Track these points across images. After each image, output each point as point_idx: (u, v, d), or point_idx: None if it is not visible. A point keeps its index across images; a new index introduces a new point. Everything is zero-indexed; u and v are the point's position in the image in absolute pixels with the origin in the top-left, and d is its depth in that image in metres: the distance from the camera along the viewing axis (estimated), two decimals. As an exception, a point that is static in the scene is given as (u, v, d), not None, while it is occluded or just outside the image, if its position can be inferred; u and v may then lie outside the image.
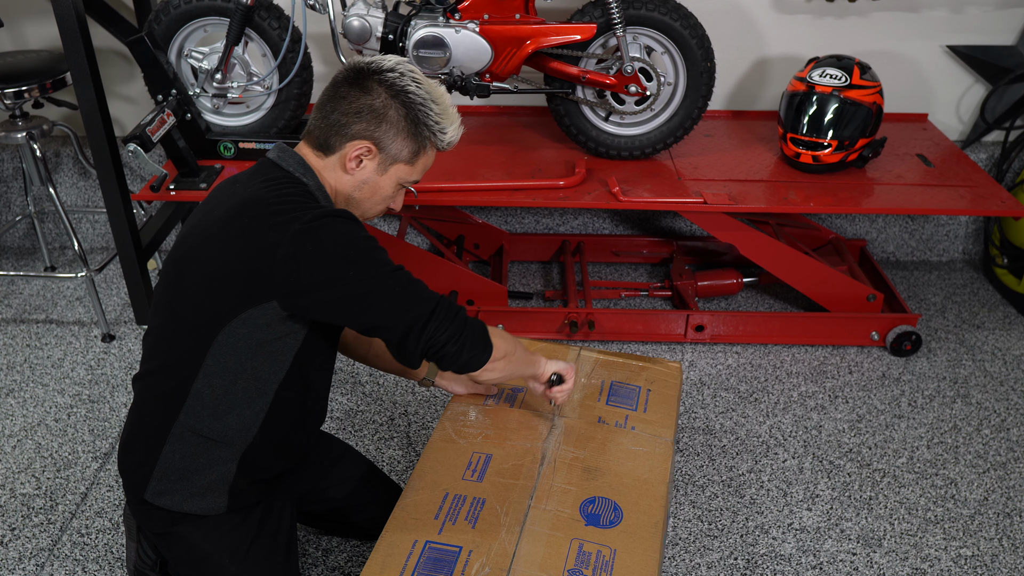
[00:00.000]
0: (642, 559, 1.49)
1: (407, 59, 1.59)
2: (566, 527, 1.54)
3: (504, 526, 1.53)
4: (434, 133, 1.56)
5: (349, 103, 1.50)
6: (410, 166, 1.57)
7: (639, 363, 1.98)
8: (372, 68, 1.52)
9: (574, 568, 1.46)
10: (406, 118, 1.52)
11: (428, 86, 1.55)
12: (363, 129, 1.51)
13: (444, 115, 1.56)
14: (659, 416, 1.83)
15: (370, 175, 1.55)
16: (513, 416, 1.80)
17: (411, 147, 1.55)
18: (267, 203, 1.44)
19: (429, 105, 1.53)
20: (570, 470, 1.66)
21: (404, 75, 1.52)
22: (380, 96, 1.50)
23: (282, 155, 1.55)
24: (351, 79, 1.52)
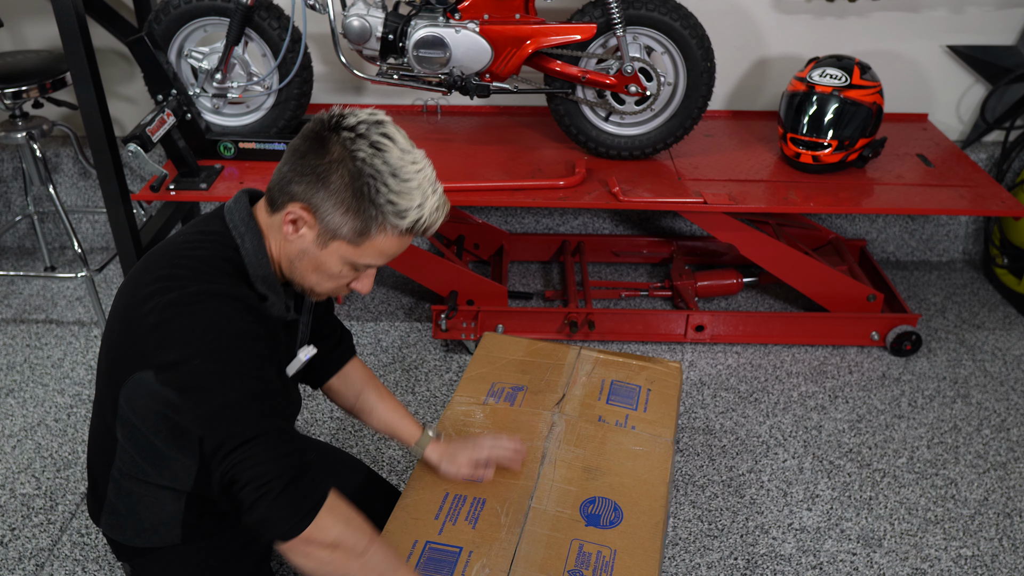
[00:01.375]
0: (642, 559, 1.49)
1: (386, 117, 1.33)
2: (566, 527, 1.54)
3: (504, 526, 1.53)
4: (384, 214, 1.27)
5: (299, 158, 1.30)
6: (355, 247, 1.31)
7: (639, 363, 1.98)
8: (334, 122, 1.29)
9: (574, 569, 1.46)
10: (348, 188, 1.26)
11: (395, 156, 1.28)
12: (303, 191, 1.28)
13: (405, 194, 1.27)
14: (659, 416, 1.83)
15: (308, 246, 1.32)
16: (514, 415, 1.80)
17: (353, 224, 1.28)
18: (168, 262, 1.32)
19: (385, 178, 1.26)
20: (570, 469, 1.66)
21: (364, 137, 1.28)
22: (328, 156, 1.27)
23: (235, 206, 1.39)
24: (314, 132, 1.31)
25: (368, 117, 1.31)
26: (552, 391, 1.87)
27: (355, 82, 3.03)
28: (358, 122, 1.29)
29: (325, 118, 1.31)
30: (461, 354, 2.66)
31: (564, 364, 1.96)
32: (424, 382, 2.54)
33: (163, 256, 1.34)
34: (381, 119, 1.32)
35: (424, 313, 2.86)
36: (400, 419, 1.71)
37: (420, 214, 1.29)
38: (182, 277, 1.28)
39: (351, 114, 1.31)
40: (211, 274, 1.30)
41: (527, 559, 1.47)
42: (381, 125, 1.30)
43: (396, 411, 1.72)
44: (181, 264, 1.31)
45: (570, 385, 1.90)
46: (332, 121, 1.30)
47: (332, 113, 1.31)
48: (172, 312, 1.26)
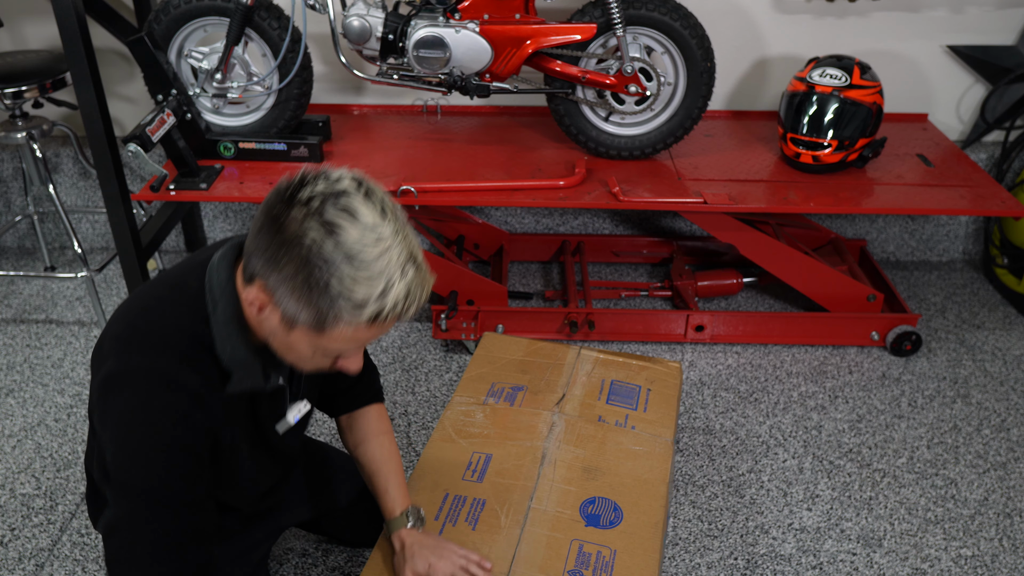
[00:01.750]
0: (642, 559, 1.49)
1: (350, 185, 1.15)
2: (566, 528, 1.54)
3: (504, 528, 1.53)
4: (339, 307, 1.12)
5: (258, 231, 1.16)
6: (319, 335, 1.17)
7: (639, 363, 1.98)
8: (289, 193, 1.14)
9: (574, 569, 1.46)
10: (298, 276, 1.11)
11: (353, 237, 1.10)
12: (261, 270, 1.15)
13: (365, 282, 1.11)
14: (659, 416, 1.83)
15: (276, 328, 1.20)
16: (514, 415, 1.80)
17: (310, 314, 1.14)
18: (134, 316, 1.27)
19: (339, 266, 1.10)
20: (570, 470, 1.67)
21: (316, 213, 1.11)
22: (282, 234, 1.12)
23: (218, 264, 1.28)
24: (268, 203, 1.15)
25: (326, 188, 1.13)
26: (552, 391, 1.88)
27: (355, 82, 3.03)
28: (312, 195, 1.12)
29: (283, 186, 1.15)
30: (461, 354, 2.66)
31: (564, 364, 1.96)
32: (424, 382, 2.54)
33: (137, 303, 1.30)
34: (342, 189, 1.13)
35: (424, 313, 2.86)
36: (385, 491, 1.57)
37: (382, 305, 1.13)
38: (132, 344, 1.23)
39: (311, 181, 1.14)
40: (160, 348, 1.22)
41: (527, 560, 1.48)
42: (340, 197, 1.12)
43: (389, 480, 1.58)
44: (140, 326, 1.25)
45: (570, 385, 1.90)
46: (288, 192, 1.14)
47: (291, 180, 1.15)
48: (107, 385, 1.23)
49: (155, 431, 1.21)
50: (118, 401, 1.22)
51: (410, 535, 1.50)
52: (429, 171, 2.58)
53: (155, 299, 1.29)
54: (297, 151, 2.61)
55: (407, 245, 1.15)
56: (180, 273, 1.32)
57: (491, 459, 1.69)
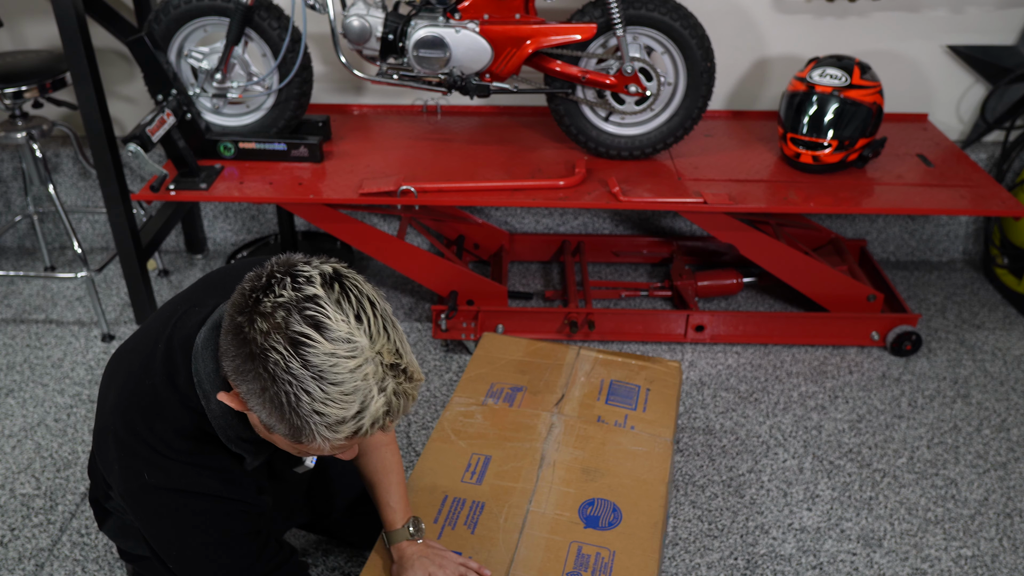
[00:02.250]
0: (641, 560, 1.49)
1: (327, 277, 1.04)
2: (565, 530, 1.54)
3: (503, 531, 1.53)
4: (312, 425, 1.04)
5: (227, 335, 1.07)
6: (301, 445, 1.10)
7: (638, 362, 1.98)
8: (253, 300, 1.03)
9: (573, 571, 1.46)
10: (267, 394, 1.04)
11: (315, 351, 1.00)
12: (232, 376, 1.08)
13: (334, 402, 1.02)
14: (658, 416, 1.83)
15: (259, 427, 1.15)
16: (513, 416, 1.80)
17: (285, 429, 1.07)
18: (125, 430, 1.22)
19: (305, 386, 1.01)
20: (569, 471, 1.66)
21: (279, 328, 1.01)
22: (248, 347, 1.03)
23: (203, 351, 1.18)
24: (238, 303, 1.05)
25: (293, 295, 1.01)
26: (551, 391, 1.87)
27: (355, 82, 3.03)
28: (277, 305, 1.01)
29: (247, 289, 1.04)
30: (461, 354, 2.66)
31: (563, 364, 1.96)
32: (424, 382, 2.53)
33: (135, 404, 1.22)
34: (311, 294, 1.02)
35: (424, 313, 2.86)
36: (386, 503, 1.54)
37: (359, 424, 1.04)
38: (141, 458, 1.19)
39: (278, 283, 1.02)
40: (169, 458, 1.19)
41: (525, 563, 1.48)
42: (310, 304, 1.01)
43: (389, 491, 1.55)
44: (141, 437, 1.19)
45: (569, 385, 1.90)
46: (252, 298, 1.03)
47: (256, 283, 1.04)
48: (135, 504, 1.23)
49: (203, 537, 1.23)
50: (155, 518, 1.23)
51: (409, 546, 1.48)
52: (429, 171, 2.58)
53: (150, 395, 1.22)
54: (297, 151, 2.61)
55: (389, 352, 1.05)
56: (165, 355, 1.23)
57: (490, 460, 1.69)
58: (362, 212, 3.02)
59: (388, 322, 1.07)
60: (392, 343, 1.06)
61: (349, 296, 1.04)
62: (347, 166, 2.62)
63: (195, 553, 1.24)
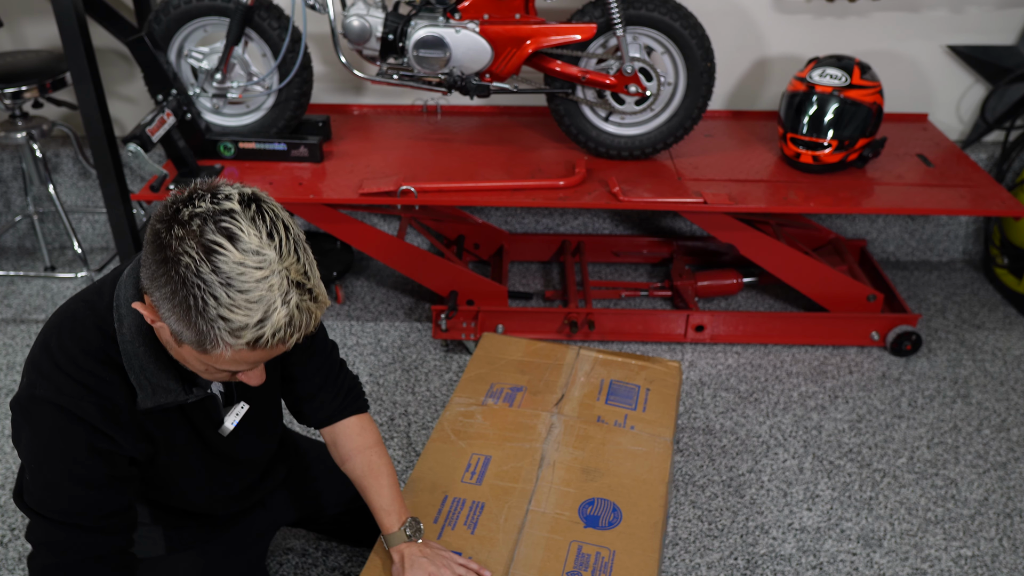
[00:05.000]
0: (641, 560, 1.49)
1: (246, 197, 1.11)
2: (565, 529, 1.54)
3: (503, 531, 1.53)
4: (217, 330, 1.08)
5: (147, 244, 1.12)
6: (205, 355, 1.14)
7: (638, 362, 1.98)
8: (172, 211, 1.09)
9: (573, 570, 1.46)
10: (177, 297, 1.08)
11: (226, 258, 1.06)
12: (147, 284, 1.13)
13: (238, 308, 1.07)
14: (658, 415, 1.83)
15: (168, 340, 1.19)
16: (513, 416, 1.80)
17: (191, 336, 1.11)
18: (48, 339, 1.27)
19: (212, 290, 1.06)
20: (569, 471, 1.66)
21: (196, 235, 1.06)
22: (163, 254, 1.08)
23: (127, 278, 1.25)
24: (159, 213, 1.11)
25: (211, 207, 1.08)
26: (551, 391, 1.87)
27: (355, 82, 3.03)
28: (194, 214, 1.07)
29: (169, 201, 1.11)
30: (461, 354, 2.66)
31: (563, 364, 1.96)
32: (424, 382, 2.54)
33: (56, 319, 1.29)
34: (227, 208, 1.08)
35: (424, 313, 2.86)
36: (379, 507, 1.52)
37: (260, 332, 1.09)
38: (43, 370, 1.24)
39: (198, 198, 1.09)
40: (65, 376, 1.23)
41: (526, 562, 1.47)
42: (226, 217, 1.07)
43: (380, 494, 1.53)
44: (52, 347, 1.25)
45: (569, 385, 1.90)
46: (172, 208, 1.09)
47: (176, 197, 1.11)
48: (15, 410, 1.26)
49: (57, 464, 1.24)
50: (24, 430, 1.26)
51: (408, 548, 1.47)
52: (429, 171, 2.58)
53: (69, 317, 1.28)
54: (297, 151, 2.61)
55: (296, 270, 1.11)
56: (97, 288, 1.30)
57: (490, 461, 1.69)
58: (362, 212, 3.02)
59: (300, 246, 1.13)
60: (301, 264, 1.12)
61: (264, 216, 1.10)
62: (347, 166, 2.62)
63: (49, 475, 1.26)
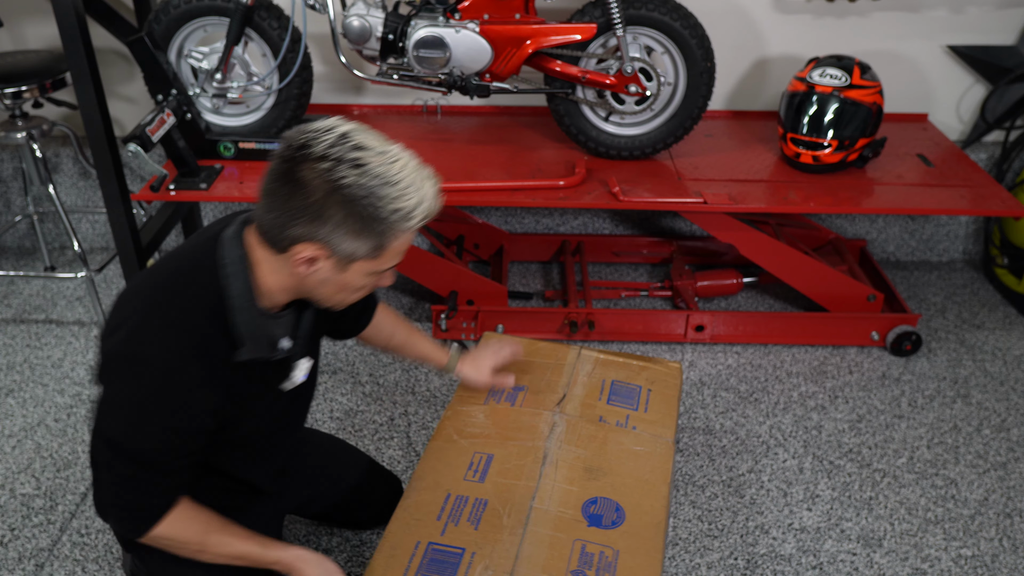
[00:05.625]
0: (645, 560, 1.49)
1: (350, 127, 1.28)
2: (568, 528, 1.54)
3: (506, 527, 1.53)
4: (393, 224, 1.28)
5: (283, 201, 1.26)
6: (375, 260, 1.32)
7: (639, 363, 1.98)
8: (302, 155, 1.24)
9: (577, 569, 1.46)
10: (350, 217, 1.25)
11: (378, 165, 1.24)
12: (304, 232, 1.26)
13: (404, 196, 1.26)
14: (660, 416, 1.83)
15: (329, 274, 1.33)
16: (515, 415, 1.80)
17: (367, 244, 1.29)
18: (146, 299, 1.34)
19: (380, 192, 1.24)
20: (572, 470, 1.66)
21: (341, 161, 1.23)
22: (315, 193, 1.23)
23: (230, 241, 1.36)
24: (282, 172, 1.25)
25: (332, 137, 1.24)
26: (553, 391, 1.87)
27: (355, 82, 3.03)
28: (327, 147, 1.23)
29: (288, 153, 1.24)
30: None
31: (564, 364, 1.96)
32: (424, 382, 2.54)
33: (156, 286, 1.36)
34: (345, 131, 1.26)
35: (424, 313, 2.86)
36: (430, 349, 1.87)
37: (425, 208, 1.31)
38: (151, 328, 1.31)
39: (313, 140, 1.24)
40: (174, 334, 1.31)
41: (529, 560, 1.47)
42: (347, 138, 1.25)
43: (424, 342, 1.87)
44: (160, 307, 1.32)
45: (571, 385, 1.90)
46: (300, 155, 1.24)
47: (292, 145, 1.25)
48: (120, 361, 1.31)
49: (153, 412, 1.31)
50: (128, 382, 1.31)
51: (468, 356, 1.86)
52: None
53: (172, 276, 1.36)
54: (297, 151, 2.61)
55: (413, 158, 1.31)
56: (191, 251, 1.39)
57: (492, 459, 1.69)
58: (362, 212, 3.02)
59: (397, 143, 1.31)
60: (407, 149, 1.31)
61: (363, 127, 1.29)
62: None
63: (143, 418, 1.32)
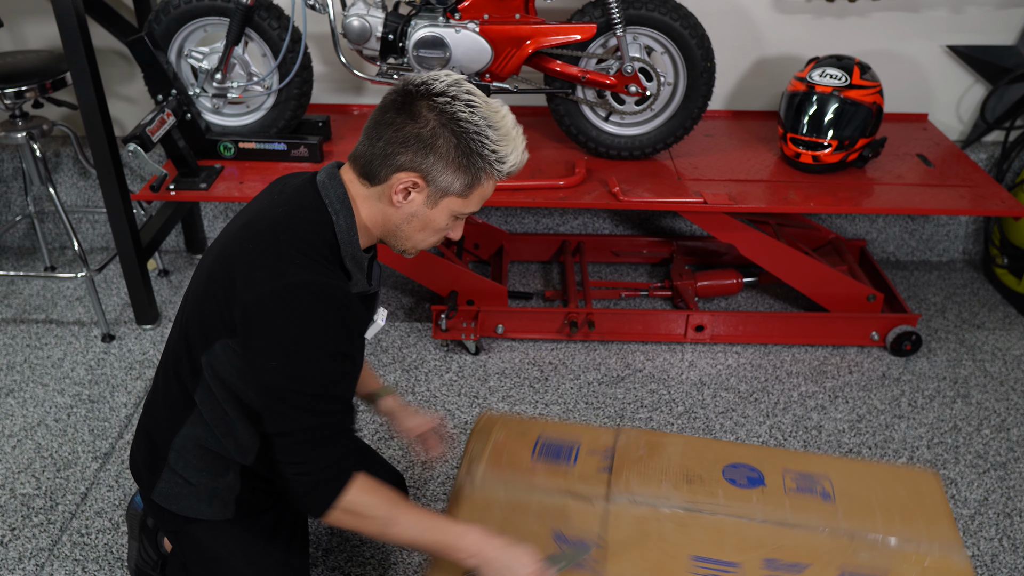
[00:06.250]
0: None
1: (463, 77, 1.41)
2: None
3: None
4: (490, 164, 1.39)
5: (395, 130, 1.37)
6: (463, 199, 1.42)
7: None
8: (421, 91, 1.37)
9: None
10: (457, 148, 1.36)
11: (485, 110, 1.38)
12: (409, 160, 1.37)
13: (503, 142, 1.38)
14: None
15: (419, 208, 1.42)
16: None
17: (463, 179, 1.39)
18: (274, 237, 1.37)
19: (485, 132, 1.37)
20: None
21: (457, 99, 1.36)
22: (429, 124, 1.36)
23: (328, 181, 1.45)
24: (398, 103, 1.38)
25: (449, 79, 1.38)
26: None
27: (355, 82, 3.03)
28: (446, 86, 1.36)
29: (409, 88, 1.38)
30: (461, 354, 2.66)
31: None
32: (424, 382, 2.54)
33: (269, 228, 1.39)
34: (458, 78, 1.40)
35: (424, 313, 2.86)
36: (368, 375, 1.81)
37: (516, 159, 1.41)
38: (286, 259, 1.34)
39: (433, 79, 1.38)
40: (313, 261, 1.36)
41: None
42: (460, 85, 1.38)
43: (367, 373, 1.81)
44: (286, 242, 1.36)
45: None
46: (419, 90, 1.37)
47: (412, 81, 1.38)
48: (272, 303, 1.32)
49: (323, 341, 1.34)
50: (283, 319, 1.32)
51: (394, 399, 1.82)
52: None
53: (288, 218, 1.40)
54: (297, 151, 2.61)
55: (512, 114, 1.42)
56: (294, 196, 1.44)
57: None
58: (362, 212, 3.02)
59: None
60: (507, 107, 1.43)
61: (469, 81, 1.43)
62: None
63: (308, 355, 1.34)
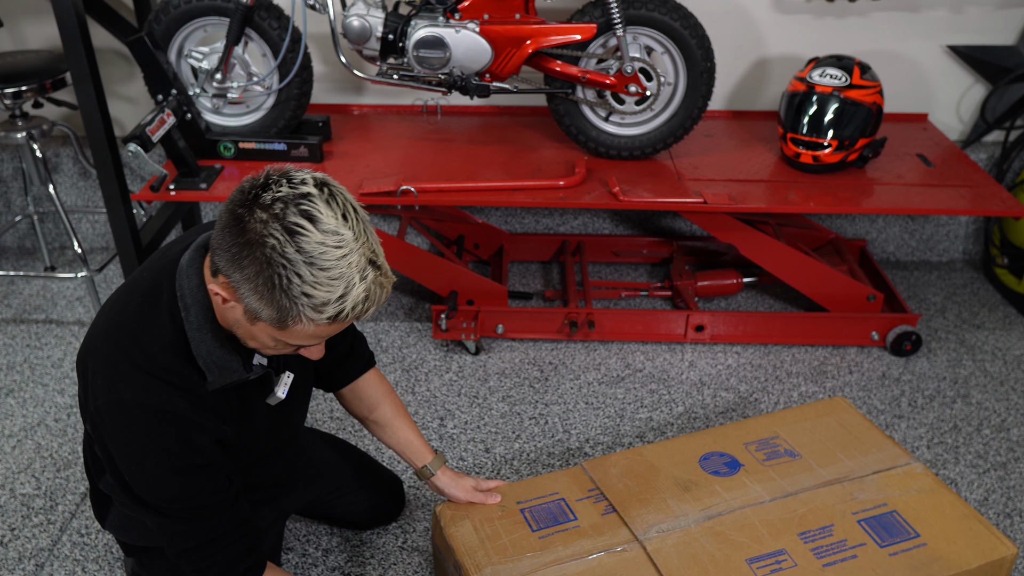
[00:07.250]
0: None
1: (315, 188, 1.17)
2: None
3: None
4: (299, 307, 1.16)
5: (221, 229, 1.19)
6: (280, 330, 1.22)
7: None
8: (252, 196, 1.16)
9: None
10: (261, 277, 1.15)
11: (308, 239, 1.13)
12: (224, 267, 1.19)
13: (321, 285, 1.14)
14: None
15: (240, 319, 1.25)
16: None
17: (271, 313, 1.18)
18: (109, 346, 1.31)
19: (298, 269, 1.13)
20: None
21: (280, 218, 1.13)
22: (246, 235, 1.15)
23: (187, 268, 1.31)
24: (232, 204, 1.18)
25: (290, 191, 1.15)
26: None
27: (355, 82, 3.03)
28: (276, 198, 1.14)
29: (247, 187, 1.18)
30: (461, 354, 2.66)
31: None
32: (424, 382, 2.54)
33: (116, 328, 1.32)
34: (307, 192, 1.16)
35: (424, 313, 2.86)
36: (414, 440, 1.74)
37: (341, 307, 1.17)
38: (120, 374, 1.28)
39: (275, 183, 1.16)
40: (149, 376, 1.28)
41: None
42: (305, 200, 1.14)
43: (409, 431, 1.74)
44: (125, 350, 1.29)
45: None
46: (251, 193, 1.16)
47: (255, 182, 1.18)
48: (105, 416, 1.30)
49: (157, 459, 1.30)
50: (121, 434, 1.30)
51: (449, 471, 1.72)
52: (429, 171, 2.58)
53: (133, 313, 1.33)
54: (297, 151, 2.61)
55: (368, 249, 1.19)
56: (151, 280, 1.35)
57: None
58: (362, 212, 3.02)
59: (368, 227, 1.21)
60: (371, 243, 1.20)
61: (336, 199, 1.18)
62: (347, 166, 2.62)
63: (154, 472, 1.31)
